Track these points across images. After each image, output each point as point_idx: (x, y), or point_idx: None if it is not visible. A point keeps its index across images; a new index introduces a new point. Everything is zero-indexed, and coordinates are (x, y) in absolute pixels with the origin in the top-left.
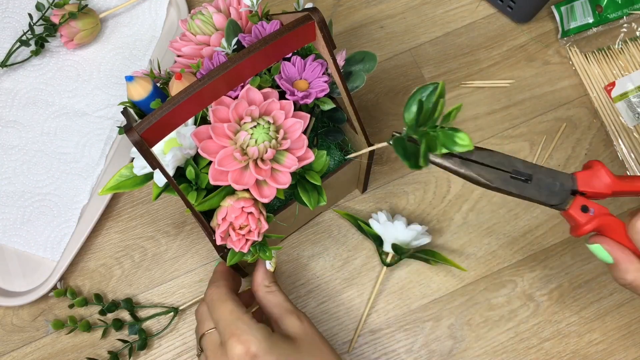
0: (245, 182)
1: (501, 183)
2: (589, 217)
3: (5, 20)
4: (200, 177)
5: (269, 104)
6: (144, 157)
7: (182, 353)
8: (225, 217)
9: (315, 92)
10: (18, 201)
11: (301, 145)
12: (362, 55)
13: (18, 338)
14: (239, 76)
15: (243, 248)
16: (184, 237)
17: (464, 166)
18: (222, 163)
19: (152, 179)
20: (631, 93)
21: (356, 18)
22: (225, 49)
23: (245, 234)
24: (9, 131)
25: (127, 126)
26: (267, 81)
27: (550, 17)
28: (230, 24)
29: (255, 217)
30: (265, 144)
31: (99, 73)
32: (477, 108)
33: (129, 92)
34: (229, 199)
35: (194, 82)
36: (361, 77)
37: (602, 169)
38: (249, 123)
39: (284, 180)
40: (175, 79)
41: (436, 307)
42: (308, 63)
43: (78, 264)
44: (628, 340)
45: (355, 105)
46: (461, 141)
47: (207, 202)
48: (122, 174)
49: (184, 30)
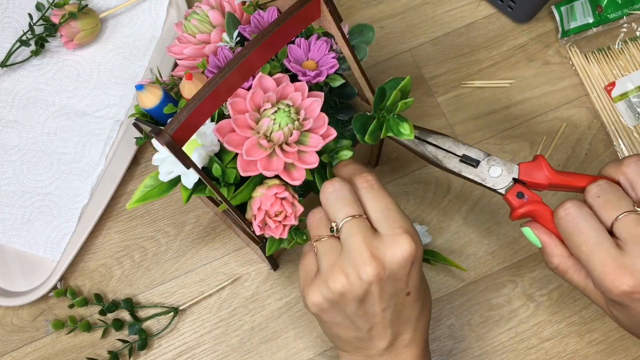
0: (274, 168)
1: (450, 164)
2: (522, 203)
3: (5, 20)
4: (226, 173)
5: (283, 88)
6: (178, 158)
7: (182, 353)
8: (260, 206)
9: (326, 69)
10: (18, 201)
11: (322, 124)
12: (360, 28)
13: (18, 338)
14: (252, 66)
15: (282, 234)
16: (184, 237)
17: (421, 146)
18: (250, 153)
19: (178, 184)
20: (631, 93)
21: (356, 18)
22: (228, 42)
23: (282, 220)
24: (9, 131)
25: (155, 130)
26: (276, 67)
27: (550, 17)
28: (230, 18)
29: (289, 201)
30: (289, 126)
31: (99, 73)
32: (477, 108)
33: (141, 101)
34: (260, 189)
35: (213, 77)
36: (363, 49)
37: (543, 162)
38: (270, 109)
39: (312, 160)
40: (186, 80)
41: (436, 307)
42: (312, 43)
43: (78, 264)
44: (628, 341)
45: (366, 74)
46: (404, 130)
47: (238, 195)
48: (147, 184)
49: (180, 33)
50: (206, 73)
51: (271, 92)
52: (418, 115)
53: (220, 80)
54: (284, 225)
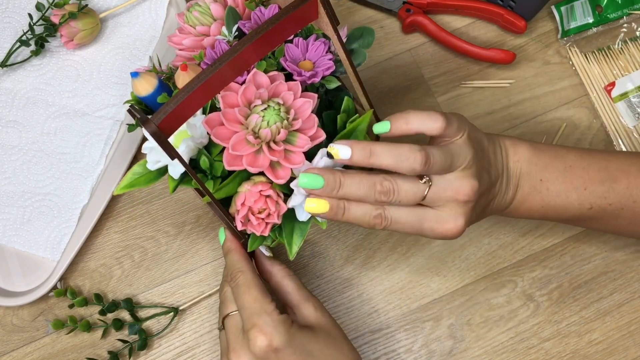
0: (259, 165)
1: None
2: (409, 15)
3: (5, 20)
4: (214, 166)
5: (276, 86)
6: (162, 148)
7: (182, 353)
8: (244, 202)
9: (322, 70)
10: (18, 201)
11: (312, 125)
12: (360, 32)
13: (18, 338)
14: (246, 61)
15: (264, 232)
16: (184, 237)
17: None
18: (236, 147)
19: (166, 173)
20: (631, 93)
21: (356, 18)
22: (226, 36)
23: (265, 218)
24: (9, 131)
25: (143, 118)
26: (272, 65)
27: (550, 17)
28: (230, 12)
29: (274, 199)
30: (277, 125)
31: (99, 73)
32: (477, 108)
33: (135, 88)
34: (246, 184)
35: (204, 70)
36: (362, 54)
37: None
38: (260, 106)
39: (298, 160)
40: (180, 71)
41: (436, 307)
42: (310, 43)
43: (78, 264)
44: (628, 340)
45: (361, 79)
46: None
47: (223, 188)
48: (135, 171)
49: (181, 23)
50: (202, 65)
51: (263, 89)
52: None
53: (211, 73)
54: (266, 223)
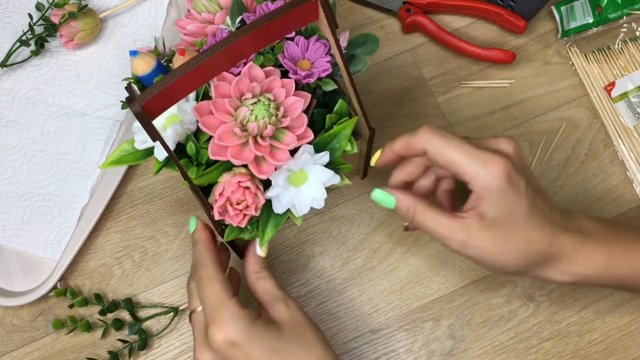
0: (244, 158)
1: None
2: (409, 15)
3: (5, 20)
4: (200, 153)
5: (270, 82)
6: (144, 129)
7: (182, 353)
8: (223, 192)
9: (318, 71)
10: (18, 201)
11: (301, 124)
12: (364, 38)
13: (18, 338)
14: (240, 52)
15: (241, 223)
16: (184, 237)
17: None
18: (222, 138)
19: (153, 154)
20: (631, 93)
21: (356, 18)
22: (228, 26)
23: (242, 209)
24: (9, 131)
25: (129, 98)
26: (270, 60)
27: (550, 17)
28: (235, 2)
29: (252, 192)
30: (265, 120)
31: (99, 73)
32: (477, 108)
33: (133, 67)
34: (226, 175)
35: (196, 56)
36: (364, 61)
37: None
38: (250, 99)
39: (283, 157)
40: (178, 55)
41: (436, 307)
42: (311, 43)
43: (78, 264)
44: (628, 340)
45: (356, 86)
46: None
47: (205, 175)
48: (123, 148)
49: (190, 8)
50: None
51: (256, 82)
52: (418, 116)
53: (202, 60)
54: (244, 215)
